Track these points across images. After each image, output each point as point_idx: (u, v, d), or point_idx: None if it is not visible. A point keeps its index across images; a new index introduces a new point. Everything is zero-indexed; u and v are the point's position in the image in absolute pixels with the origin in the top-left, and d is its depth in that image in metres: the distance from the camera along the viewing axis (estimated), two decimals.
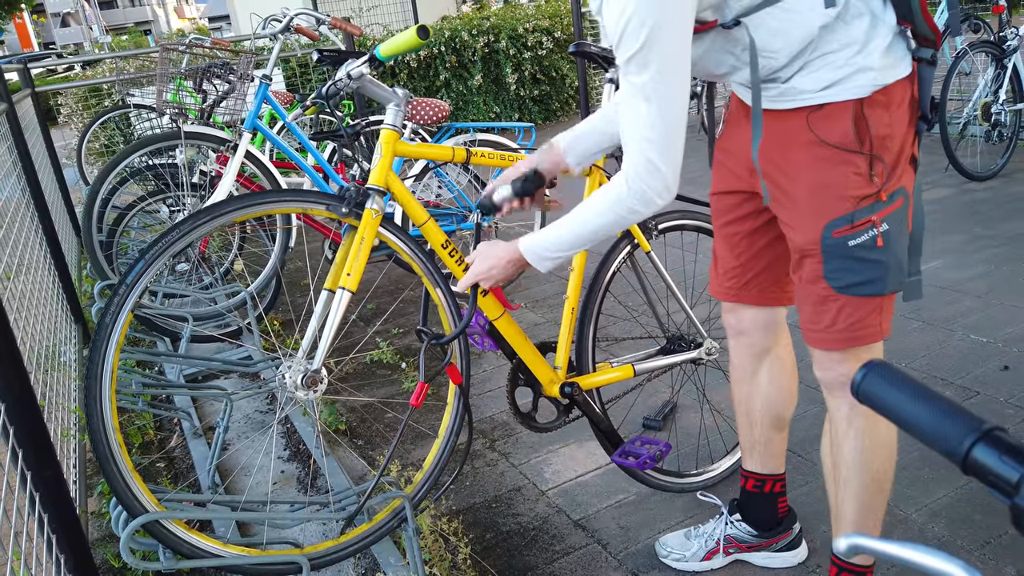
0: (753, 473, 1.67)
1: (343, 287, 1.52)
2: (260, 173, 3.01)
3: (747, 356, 1.58)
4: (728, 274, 1.54)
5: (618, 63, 1.17)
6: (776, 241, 1.46)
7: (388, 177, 1.62)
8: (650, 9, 1.09)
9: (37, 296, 2.74)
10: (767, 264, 1.50)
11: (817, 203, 1.24)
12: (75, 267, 4.19)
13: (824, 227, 1.24)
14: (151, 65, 6.28)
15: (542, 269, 1.42)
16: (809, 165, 1.25)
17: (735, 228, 1.50)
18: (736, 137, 1.43)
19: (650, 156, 1.20)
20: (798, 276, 1.34)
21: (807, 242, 1.28)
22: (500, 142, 3.44)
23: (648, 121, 1.17)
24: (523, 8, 8.75)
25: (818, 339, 1.33)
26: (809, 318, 1.33)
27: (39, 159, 4.20)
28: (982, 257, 3.27)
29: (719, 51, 1.27)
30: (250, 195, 1.48)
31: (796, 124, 1.25)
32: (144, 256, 1.37)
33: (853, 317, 1.27)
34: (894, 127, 1.21)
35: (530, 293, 3.52)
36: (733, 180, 1.46)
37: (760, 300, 1.53)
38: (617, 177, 1.28)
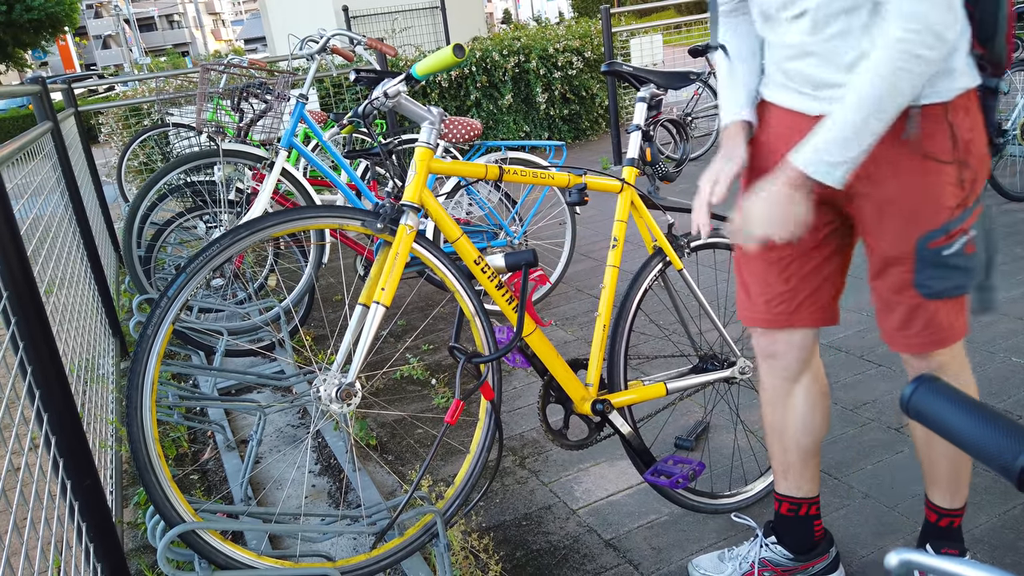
0: (787, 497, 1.64)
1: (377, 302, 1.54)
2: (295, 190, 3.06)
3: (780, 379, 1.55)
4: (777, 299, 1.47)
5: None
6: (830, 257, 1.44)
7: (423, 194, 1.64)
8: None
9: (77, 309, 2.80)
10: (819, 284, 1.46)
11: (912, 214, 1.23)
12: (113, 281, 4.28)
13: (920, 238, 1.24)
14: (189, 85, 6.44)
15: (833, 181, 1.17)
16: (903, 174, 1.23)
17: (786, 251, 1.44)
18: (780, 153, 1.36)
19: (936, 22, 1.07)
20: (881, 284, 1.33)
21: (897, 252, 1.27)
22: (531, 160, 3.46)
23: None
24: (554, 29, 8.81)
25: (908, 345, 1.34)
26: (897, 326, 1.34)
27: (81, 176, 4.31)
28: (1023, 279, 3.20)
29: (850, 34, 1.18)
30: (287, 211, 1.50)
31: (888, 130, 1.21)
32: (185, 270, 1.40)
33: (942, 320, 1.30)
34: (975, 131, 1.22)
35: (560, 311, 3.52)
36: None
37: (811, 322, 1.48)
38: (889, 34, 1.11)
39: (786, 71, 1.32)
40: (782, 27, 1.28)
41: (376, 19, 9.73)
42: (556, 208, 4.14)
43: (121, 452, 2.45)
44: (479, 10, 12.36)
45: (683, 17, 8.22)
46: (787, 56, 1.30)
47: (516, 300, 1.71)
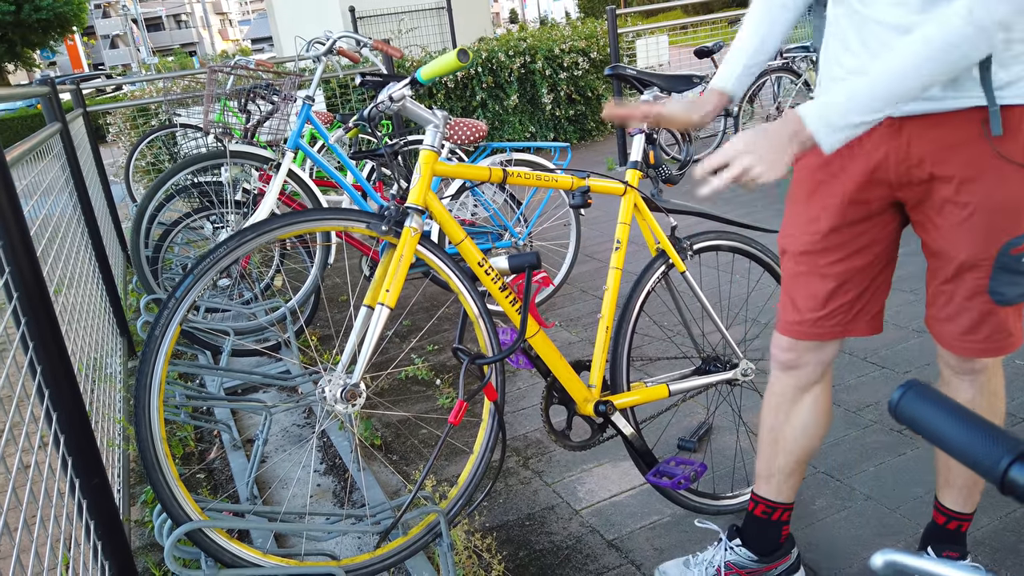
0: (765, 499, 1.63)
1: (382, 303, 1.55)
2: (301, 191, 3.08)
3: (793, 388, 1.54)
4: (832, 313, 1.42)
5: None
6: (887, 265, 1.42)
7: (427, 196, 1.65)
8: None
9: (85, 309, 2.82)
10: (874, 293, 1.43)
11: (998, 220, 1.22)
12: (121, 281, 4.31)
13: (1004, 245, 1.23)
14: (197, 86, 6.47)
15: (828, 144, 1.13)
16: (989, 180, 1.21)
17: (856, 261, 1.38)
18: (841, 155, 1.33)
19: None
20: (951, 289, 1.31)
21: (976, 258, 1.26)
22: (536, 162, 3.47)
23: None
24: (559, 29, 8.82)
25: (973, 349, 1.34)
26: (964, 330, 1.33)
27: (89, 176, 4.35)
28: None
29: None
30: (294, 214, 1.52)
31: (968, 131, 1.19)
32: (193, 271, 1.42)
33: (1010, 327, 1.31)
34: None
35: (565, 312, 3.53)
36: (852, 208, 1.34)
37: (866, 331, 1.46)
38: (950, 10, 1.06)
39: (866, 54, 1.24)
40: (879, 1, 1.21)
41: (382, 20, 9.76)
42: (561, 209, 4.16)
43: (128, 451, 2.48)
44: (485, 11, 12.38)
45: (690, 18, 8.23)
46: (873, 36, 1.22)
47: (519, 302, 1.72)
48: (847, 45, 1.28)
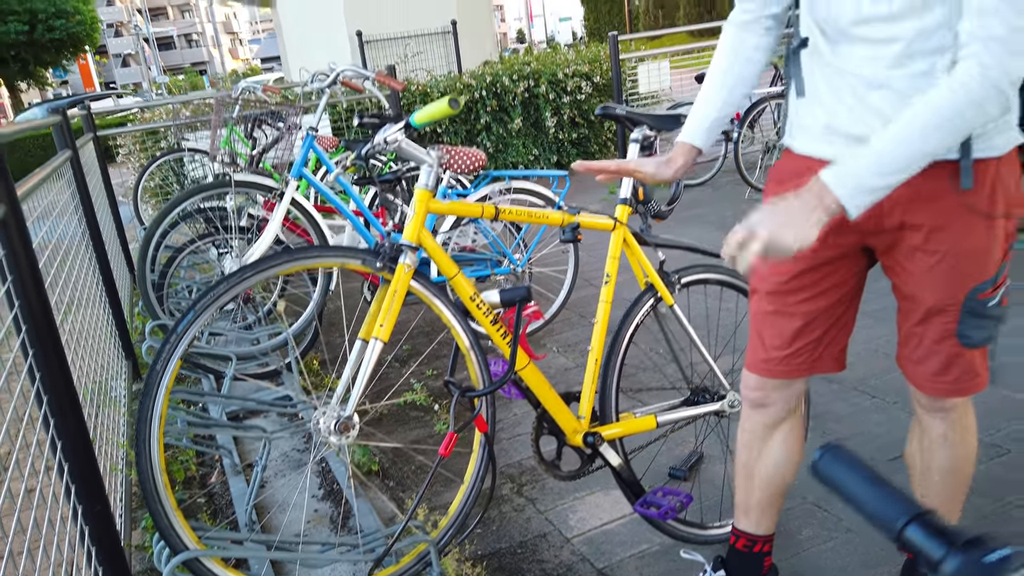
0: (745, 533, 1.67)
1: (376, 337, 1.61)
2: (304, 219, 3.15)
3: (763, 425, 1.58)
4: (798, 352, 1.46)
5: None
6: (851, 304, 1.46)
7: (420, 233, 1.71)
8: None
9: (91, 331, 2.88)
10: (839, 331, 1.48)
11: (965, 267, 1.26)
12: (127, 303, 4.38)
13: (970, 290, 1.28)
14: (206, 108, 6.59)
15: (854, 208, 1.12)
16: (957, 229, 1.25)
17: (821, 302, 1.43)
18: None
19: (1021, 35, 1.04)
20: (921, 332, 1.36)
21: (944, 303, 1.30)
22: (535, 190, 3.54)
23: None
24: (563, 54, 8.93)
25: (943, 390, 1.40)
26: (934, 372, 1.38)
27: (97, 198, 4.43)
28: (1019, 311, 3.23)
29: (933, 74, 1.16)
30: (292, 251, 1.58)
31: (938, 183, 1.23)
32: (194, 307, 1.48)
33: (977, 368, 1.36)
34: (1018, 186, 1.27)
35: (563, 338, 3.58)
36: (822, 250, 1.37)
37: (830, 369, 1.50)
38: (961, 70, 1.09)
39: (838, 105, 1.28)
40: (856, 50, 1.24)
41: (389, 44, 9.91)
42: (560, 235, 4.21)
43: (131, 476, 2.53)
44: (490, 35, 12.54)
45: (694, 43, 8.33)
46: (846, 88, 1.26)
47: (510, 335, 1.78)
48: (819, 96, 1.33)
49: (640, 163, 1.62)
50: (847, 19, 1.22)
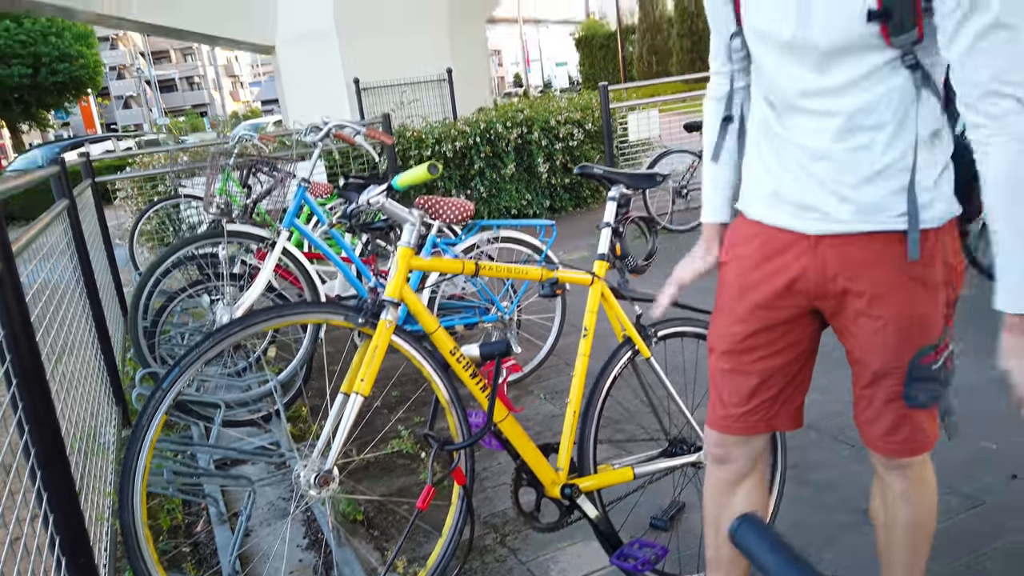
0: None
1: (356, 392, 1.66)
2: (295, 268, 3.21)
3: (725, 482, 1.61)
4: (755, 409, 1.51)
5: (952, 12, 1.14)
6: (806, 363, 1.50)
7: (403, 289, 1.77)
8: None
9: (82, 376, 2.92)
10: (794, 390, 1.52)
11: (909, 333, 1.31)
12: (119, 347, 4.41)
13: (914, 354, 1.33)
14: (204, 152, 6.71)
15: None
16: (901, 296, 1.30)
17: (776, 360, 1.47)
18: (764, 266, 1.42)
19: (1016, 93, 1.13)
20: (870, 394, 1.41)
21: (890, 366, 1.36)
22: (523, 239, 3.62)
23: (1017, 56, 1.12)
24: (556, 101, 9.11)
25: (893, 450, 1.44)
26: (883, 433, 1.43)
27: (93, 242, 4.49)
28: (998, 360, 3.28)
29: (873, 148, 1.24)
30: (277, 308, 1.64)
31: (878, 251, 1.29)
32: (179, 363, 1.53)
33: (926, 428, 1.41)
34: (958, 255, 1.34)
35: (550, 384, 3.62)
36: (774, 312, 1.43)
37: (787, 426, 1.55)
38: (1004, 158, 1.17)
39: (785, 174, 1.34)
40: (801, 122, 1.30)
41: (385, 91, 10.11)
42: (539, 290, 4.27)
43: (116, 526, 2.54)
44: (485, 82, 12.79)
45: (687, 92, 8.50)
46: (791, 158, 1.33)
47: (490, 388, 1.82)
48: (767, 165, 1.39)
49: (682, 276, 1.64)
50: (793, 92, 1.30)
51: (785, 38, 1.27)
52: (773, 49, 1.31)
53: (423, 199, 3.30)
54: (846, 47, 1.21)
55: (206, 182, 4.10)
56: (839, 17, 1.19)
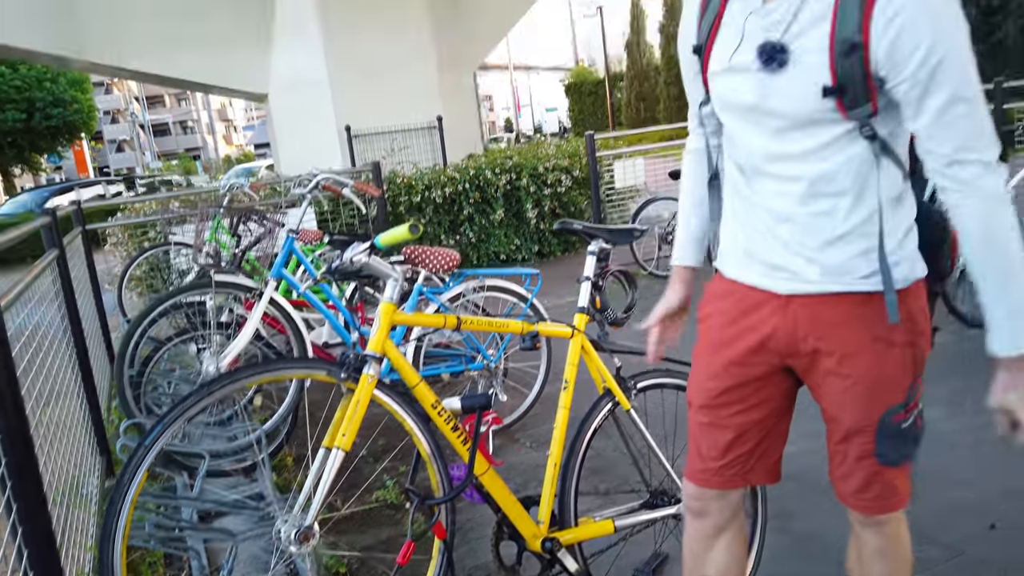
0: None
1: (338, 447, 1.68)
2: (282, 318, 3.24)
3: (704, 535, 1.62)
4: (732, 463, 1.54)
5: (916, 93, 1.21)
6: (782, 418, 1.54)
7: (385, 344, 1.80)
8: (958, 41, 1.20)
9: (66, 425, 2.91)
10: (770, 444, 1.55)
11: (877, 391, 1.35)
12: (105, 396, 4.39)
13: (884, 413, 1.37)
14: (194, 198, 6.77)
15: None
16: (868, 356, 1.35)
17: (752, 415, 1.50)
18: (738, 323, 1.49)
19: (990, 159, 1.22)
20: (843, 450, 1.45)
21: (861, 424, 1.39)
22: (508, 287, 3.66)
23: (977, 125, 1.21)
24: (544, 147, 9.26)
25: (865, 507, 1.47)
26: (855, 489, 1.46)
27: (81, 289, 4.49)
28: (977, 407, 3.30)
29: (835, 214, 1.31)
30: (260, 364, 1.67)
31: (847, 312, 1.33)
32: (163, 420, 1.55)
33: (897, 486, 1.44)
34: (925, 316, 1.38)
35: (536, 433, 3.63)
36: (748, 368, 1.47)
37: (763, 480, 1.58)
38: (973, 217, 1.24)
39: (755, 235, 1.41)
40: (767, 185, 1.37)
41: (376, 138, 10.25)
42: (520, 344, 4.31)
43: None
44: (475, 129, 12.98)
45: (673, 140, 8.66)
46: (761, 219, 1.39)
47: (470, 441, 1.85)
48: (740, 225, 1.46)
49: (662, 314, 1.70)
50: (758, 157, 1.37)
51: (748, 108, 1.34)
52: (738, 117, 1.38)
53: (410, 249, 3.35)
54: (805, 118, 1.28)
55: (196, 230, 4.15)
56: (797, 91, 1.26)
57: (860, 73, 1.20)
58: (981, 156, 1.22)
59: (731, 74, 1.34)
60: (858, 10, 1.18)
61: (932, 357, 1.40)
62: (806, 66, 1.24)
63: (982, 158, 1.22)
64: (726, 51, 1.34)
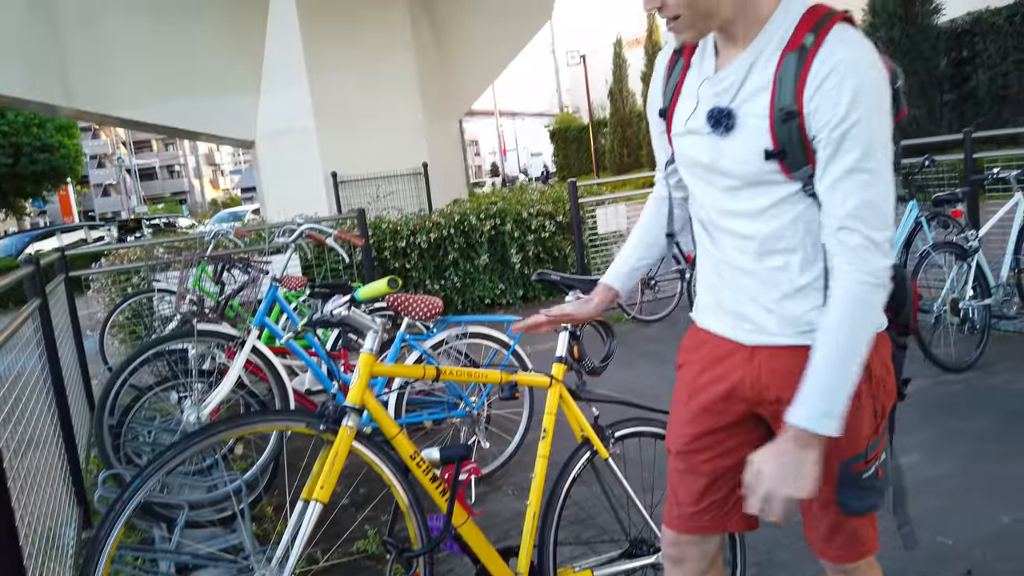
0: None
1: (316, 499, 1.68)
2: (264, 366, 3.24)
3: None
4: (708, 509, 1.56)
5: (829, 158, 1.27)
6: None
7: (364, 395, 1.82)
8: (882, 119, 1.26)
9: (43, 475, 2.88)
10: None
11: (837, 441, 1.36)
12: (84, 445, 4.34)
13: (844, 463, 1.40)
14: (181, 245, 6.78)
15: (833, 431, 1.28)
16: None
17: (726, 461, 1.53)
18: (709, 372, 1.52)
19: (878, 239, 1.27)
20: (808, 500, 1.44)
21: (823, 472, 1.40)
22: (490, 334, 3.69)
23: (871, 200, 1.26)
24: (528, 193, 9.37)
25: (832, 555, 1.50)
26: (822, 538, 1.49)
27: (63, 336, 4.47)
28: (954, 453, 3.36)
29: (789, 269, 1.37)
30: (240, 417, 1.68)
31: (805, 363, 1.33)
32: (141, 474, 1.56)
33: (862, 535, 1.47)
34: (887, 368, 1.43)
35: (518, 480, 3.63)
36: (719, 416, 1.51)
37: (740, 527, 1.60)
38: (844, 283, 1.29)
39: (722, 287, 1.48)
40: (726, 241, 1.44)
41: (362, 184, 10.35)
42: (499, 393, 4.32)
43: None
44: (460, 175, 13.13)
45: None
46: (725, 273, 1.46)
47: (449, 492, 1.86)
48: (710, 278, 1.52)
49: (563, 307, 1.82)
50: (716, 214, 1.45)
51: (703, 168, 1.42)
52: (696, 176, 1.46)
53: (392, 296, 3.38)
54: (753, 179, 1.36)
55: (180, 277, 4.16)
56: (743, 153, 1.35)
57: (798, 138, 1.29)
58: (870, 231, 1.27)
59: (688, 136, 1.44)
60: (793, 82, 1.27)
61: (910, 404, 1.44)
62: (750, 130, 1.33)
63: (870, 234, 1.27)
64: (684, 114, 1.44)
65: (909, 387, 1.53)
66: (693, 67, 1.44)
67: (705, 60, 1.41)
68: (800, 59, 1.27)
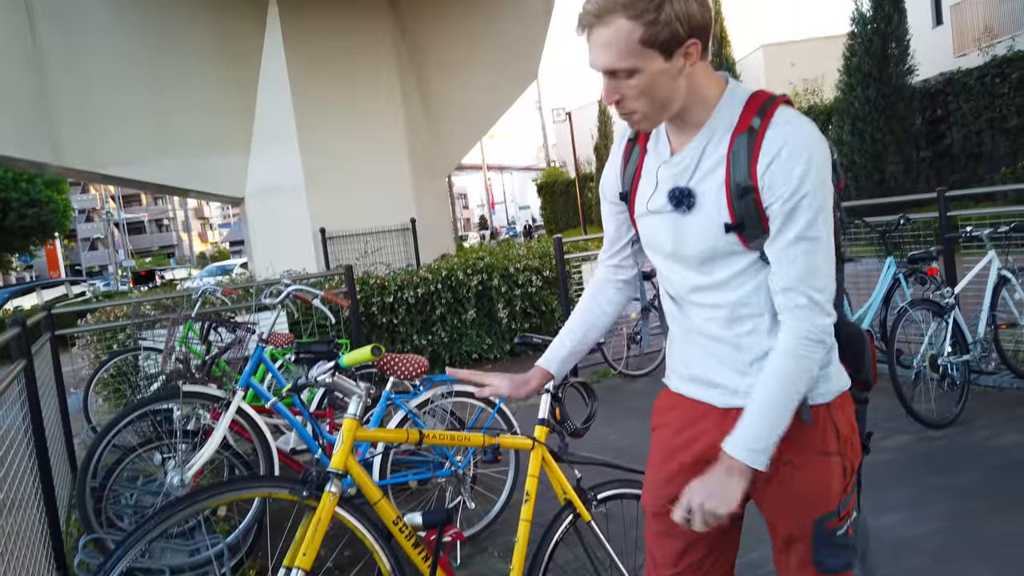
0: None
1: (298, 567, 1.69)
2: (249, 427, 3.25)
3: None
4: (687, 569, 1.59)
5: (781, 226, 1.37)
6: (731, 527, 1.58)
7: (347, 461, 1.84)
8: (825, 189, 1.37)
9: (22, 538, 2.83)
10: (723, 549, 1.61)
11: (810, 499, 1.44)
12: (65, 506, 4.28)
13: (817, 520, 1.45)
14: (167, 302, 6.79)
15: (761, 464, 1.38)
16: (800, 466, 1.45)
17: None
18: (684, 433, 1.57)
19: (820, 299, 1.37)
20: (785, 558, 1.52)
21: (798, 531, 1.48)
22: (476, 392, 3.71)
23: (815, 265, 1.37)
24: (515, 248, 9.48)
25: None
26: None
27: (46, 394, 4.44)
28: (937, 511, 3.37)
29: (758, 332, 1.44)
30: (222, 484, 1.70)
31: None
32: (123, 543, 1.56)
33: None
34: (852, 427, 1.48)
35: (502, 541, 3.60)
36: (691, 477, 1.49)
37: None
38: (788, 336, 1.39)
39: (694, 354, 1.54)
40: (695, 312, 1.51)
41: (350, 240, 10.44)
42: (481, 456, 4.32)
43: None
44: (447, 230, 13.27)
45: None
46: (696, 341, 1.53)
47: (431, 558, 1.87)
48: (679, 346, 1.59)
49: (500, 381, 1.83)
50: (683, 288, 1.53)
51: (668, 245, 1.50)
52: (661, 255, 1.55)
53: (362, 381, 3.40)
54: (716, 252, 1.44)
55: (167, 336, 4.17)
56: (704, 229, 1.43)
57: (754, 211, 1.39)
58: (812, 292, 1.38)
59: (650, 216, 1.52)
60: (747, 160, 1.37)
61: (891, 461, 1.49)
62: (710, 207, 1.42)
63: (812, 295, 1.38)
64: (645, 196, 1.53)
65: (890, 443, 1.59)
66: (649, 152, 1.54)
67: (660, 145, 1.51)
68: (750, 140, 1.37)
